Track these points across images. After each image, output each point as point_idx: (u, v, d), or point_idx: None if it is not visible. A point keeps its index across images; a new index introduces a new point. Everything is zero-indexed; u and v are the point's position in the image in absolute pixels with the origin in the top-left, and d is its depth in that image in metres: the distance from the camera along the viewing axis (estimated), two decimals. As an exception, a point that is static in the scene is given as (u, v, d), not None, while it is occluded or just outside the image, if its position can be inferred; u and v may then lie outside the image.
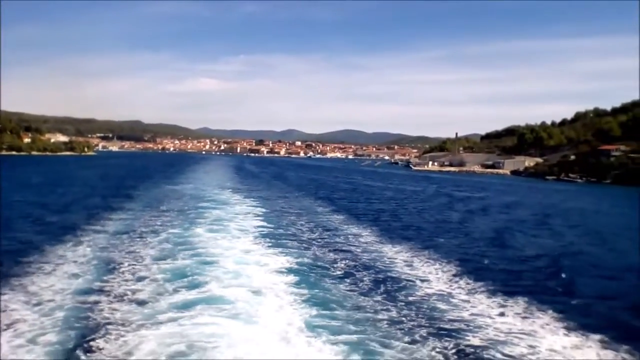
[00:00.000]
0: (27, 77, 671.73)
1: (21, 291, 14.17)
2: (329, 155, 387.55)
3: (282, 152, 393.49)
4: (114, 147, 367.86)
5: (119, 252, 19.63)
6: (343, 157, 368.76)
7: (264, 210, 34.34)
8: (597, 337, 12.16)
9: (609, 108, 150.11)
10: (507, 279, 18.16)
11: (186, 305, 13.02)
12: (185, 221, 27.42)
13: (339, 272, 17.77)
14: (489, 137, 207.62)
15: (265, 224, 28.02)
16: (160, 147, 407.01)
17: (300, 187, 62.07)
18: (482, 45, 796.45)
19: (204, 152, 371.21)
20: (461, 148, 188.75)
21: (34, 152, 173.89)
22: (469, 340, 11.83)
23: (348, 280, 16.71)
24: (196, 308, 12.76)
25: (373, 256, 20.99)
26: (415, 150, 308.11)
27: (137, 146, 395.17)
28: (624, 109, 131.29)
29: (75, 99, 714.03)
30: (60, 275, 15.98)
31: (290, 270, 17.23)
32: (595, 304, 15.58)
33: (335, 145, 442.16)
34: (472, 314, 13.68)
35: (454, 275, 17.87)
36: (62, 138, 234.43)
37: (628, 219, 39.94)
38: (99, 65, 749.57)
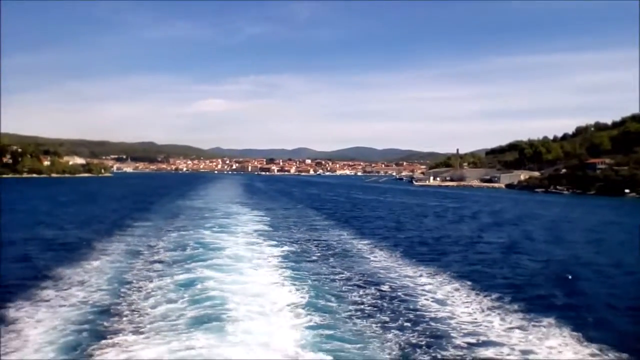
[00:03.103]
0: (41, 102, 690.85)
1: (77, 268, 20.48)
2: (338, 172, 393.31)
3: (293, 171, 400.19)
4: (128, 168, 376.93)
5: (142, 246, 26.02)
6: (352, 174, 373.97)
7: (265, 218, 40.49)
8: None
9: (610, 122, 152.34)
10: (444, 259, 24.15)
11: (193, 271, 19.16)
12: (196, 226, 33.61)
13: (314, 257, 23.68)
14: (493, 152, 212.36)
15: (265, 227, 34.17)
16: (173, 167, 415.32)
17: (301, 200, 68.66)
18: (487, 61, 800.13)
19: (216, 172, 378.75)
20: (465, 164, 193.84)
21: (54, 174, 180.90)
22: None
23: (322, 264, 22.43)
24: (199, 275, 18.64)
25: (345, 247, 27.15)
26: (423, 167, 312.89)
27: (151, 167, 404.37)
28: (623, 122, 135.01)
29: (88, 122, 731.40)
30: (102, 260, 22.25)
31: (281, 258, 22.85)
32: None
33: (345, 162, 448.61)
34: (418, 288, 19.49)
35: (415, 265, 23.97)
36: (79, 160, 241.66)
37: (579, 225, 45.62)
38: (109, 88, 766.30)
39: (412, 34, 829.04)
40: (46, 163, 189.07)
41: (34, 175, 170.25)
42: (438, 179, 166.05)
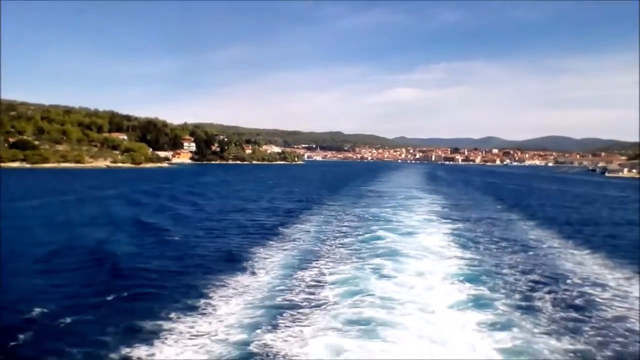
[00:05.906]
0: (240, 94, 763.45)
1: (291, 228, 27.95)
2: (527, 163, 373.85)
3: (478, 160, 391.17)
4: (317, 156, 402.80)
5: (334, 216, 32.86)
6: (542, 164, 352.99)
7: (442, 201, 45.00)
8: None
9: None
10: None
11: (374, 232, 25.12)
12: (378, 204, 39.94)
13: (480, 231, 27.36)
14: None
15: (440, 209, 38.55)
16: (359, 156, 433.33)
17: (479, 188, 71.35)
18: None
19: (399, 161, 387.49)
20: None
21: (255, 162, 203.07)
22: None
23: (485, 236, 26.17)
24: (379, 234, 24.30)
25: (509, 227, 30.62)
26: (624, 158, 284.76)
27: (338, 156, 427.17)
28: None
29: (281, 113, 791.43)
30: (306, 224, 29.50)
31: (452, 230, 27.18)
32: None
33: (535, 152, 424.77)
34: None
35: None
36: (275, 149, 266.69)
37: None
38: (301, 80, 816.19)
39: (622, 13, 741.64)
40: (248, 151, 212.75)
41: (238, 162, 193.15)
42: (634, 170, 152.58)
